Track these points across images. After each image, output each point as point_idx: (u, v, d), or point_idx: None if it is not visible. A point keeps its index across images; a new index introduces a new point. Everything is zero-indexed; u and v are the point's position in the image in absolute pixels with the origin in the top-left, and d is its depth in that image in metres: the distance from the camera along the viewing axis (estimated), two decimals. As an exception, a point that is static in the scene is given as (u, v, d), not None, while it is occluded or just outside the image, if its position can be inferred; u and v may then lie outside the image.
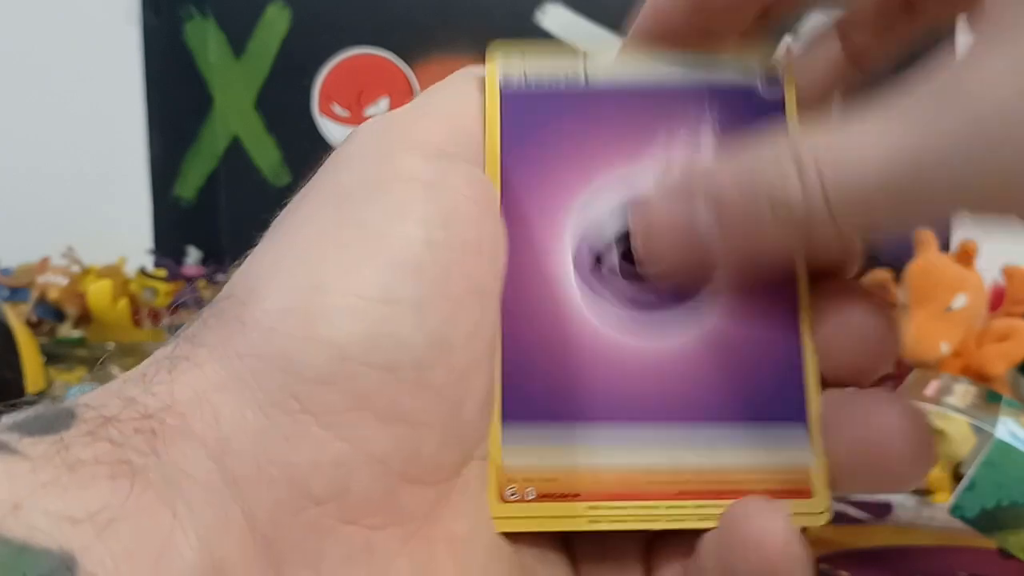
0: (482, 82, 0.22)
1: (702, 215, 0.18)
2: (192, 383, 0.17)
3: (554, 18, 0.72)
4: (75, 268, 0.70)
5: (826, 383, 0.20)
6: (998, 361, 0.59)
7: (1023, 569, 0.41)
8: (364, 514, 0.17)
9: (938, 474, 0.53)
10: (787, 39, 0.22)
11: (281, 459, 0.17)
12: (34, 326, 0.67)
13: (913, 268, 0.61)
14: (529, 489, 0.20)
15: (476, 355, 0.19)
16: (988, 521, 0.41)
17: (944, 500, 0.50)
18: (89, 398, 0.17)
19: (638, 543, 0.21)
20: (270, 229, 0.20)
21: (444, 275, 0.19)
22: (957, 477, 0.49)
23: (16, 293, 0.69)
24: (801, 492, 0.20)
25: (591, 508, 0.20)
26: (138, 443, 0.16)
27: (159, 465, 0.15)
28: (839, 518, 0.49)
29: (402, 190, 0.19)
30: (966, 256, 0.62)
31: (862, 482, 0.20)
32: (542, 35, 0.71)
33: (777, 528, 0.18)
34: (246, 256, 0.19)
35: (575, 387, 0.20)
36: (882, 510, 0.51)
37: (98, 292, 0.66)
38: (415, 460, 0.18)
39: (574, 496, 0.20)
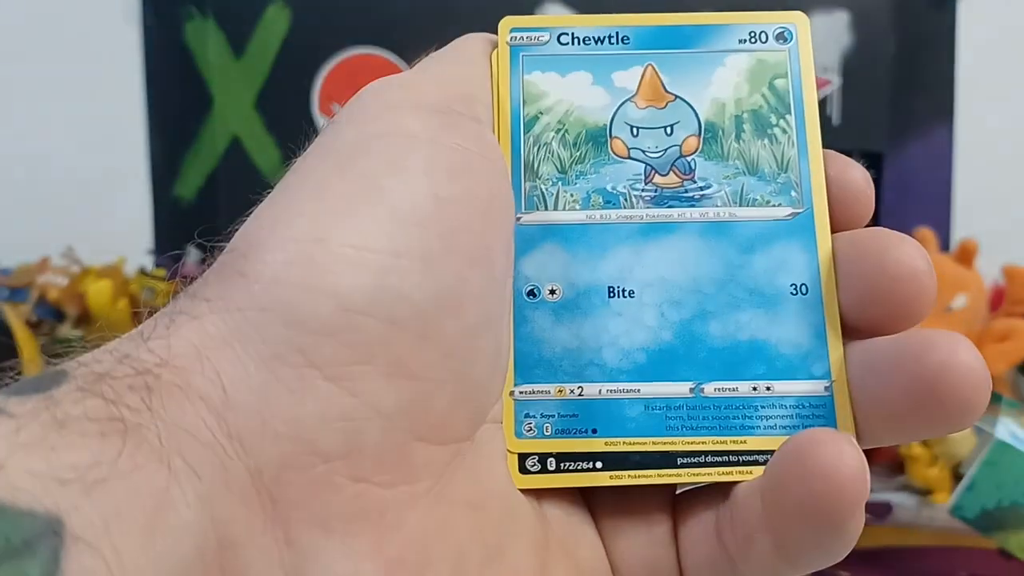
0: (491, 45, 0.22)
1: None
2: (191, 337, 0.16)
3: (554, 18, 0.72)
4: (75, 268, 0.70)
5: (859, 334, 0.20)
6: (998, 361, 0.58)
7: (1023, 569, 0.41)
8: (374, 471, 0.17)
9: (938, 474, 0.53)
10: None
11: (286, 414, 0.16)
12: (34, 326, 0.67)
13: (913, 268, 0.61)
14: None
15: (487, 314, 0.19)
16: (988, 521, 0.41)
17: (944, 500, 0.50)
18: (83, 357, 0.16)
19: (664, 496, 0.20)
20: (272, 189, 0.19)
21: (452, 230, 0.18)
22: (957, 477, 0.49)
23: (16, 293, 0.69)
24: None
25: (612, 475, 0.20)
26: (132, 400, 0.15)
27: (154, 422, 0.15)
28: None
29: (403, 144, 0.19)
30: (966, 256, 0.62)
31: (913, 424, 0.18)
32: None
33: (851, 456, 0.16)
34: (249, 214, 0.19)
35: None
36: (882, 510, 0.51)
37: (98, 292, 0.66)
38: (424, 417, 0.17)
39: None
